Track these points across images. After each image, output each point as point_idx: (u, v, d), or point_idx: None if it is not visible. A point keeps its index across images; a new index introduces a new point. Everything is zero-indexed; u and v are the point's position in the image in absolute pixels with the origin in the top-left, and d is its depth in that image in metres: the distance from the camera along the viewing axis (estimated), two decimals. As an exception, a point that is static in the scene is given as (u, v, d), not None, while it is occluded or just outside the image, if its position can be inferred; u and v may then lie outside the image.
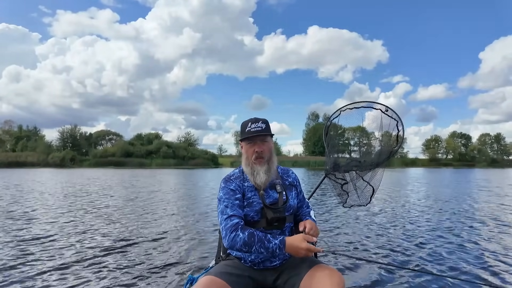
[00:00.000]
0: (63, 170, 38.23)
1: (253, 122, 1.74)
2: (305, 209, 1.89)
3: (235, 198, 1.67)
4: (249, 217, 1.67)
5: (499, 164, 78.50)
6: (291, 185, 1.85)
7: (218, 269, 1.60)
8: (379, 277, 3.03)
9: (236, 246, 1.54)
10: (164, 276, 3.04)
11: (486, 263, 3.44)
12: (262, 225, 1.67)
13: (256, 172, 1.72)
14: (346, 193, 2.66)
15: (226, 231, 1.57)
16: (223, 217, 1.61)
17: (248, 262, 1.69)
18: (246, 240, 1.52)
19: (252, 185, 1.73)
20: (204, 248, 4.00)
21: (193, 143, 75.59)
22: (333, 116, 2.76)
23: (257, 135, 1.72)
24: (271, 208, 1.68)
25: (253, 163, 1.73)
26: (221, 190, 1.72)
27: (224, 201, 1.66)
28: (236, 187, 1.71)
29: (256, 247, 1.51)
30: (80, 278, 2.98)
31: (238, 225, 1.57)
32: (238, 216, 1.61)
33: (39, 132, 70.61)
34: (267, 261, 1.67)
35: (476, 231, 5.02)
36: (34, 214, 6.49)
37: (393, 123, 2.51)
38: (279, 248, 1.51)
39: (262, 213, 1.68)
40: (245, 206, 1.68)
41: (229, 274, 1.56)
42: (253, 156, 1.73)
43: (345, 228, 5.25)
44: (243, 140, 1.77)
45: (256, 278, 1.65)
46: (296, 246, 1.50)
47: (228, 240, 1.55)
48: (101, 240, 4.37)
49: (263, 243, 1.52)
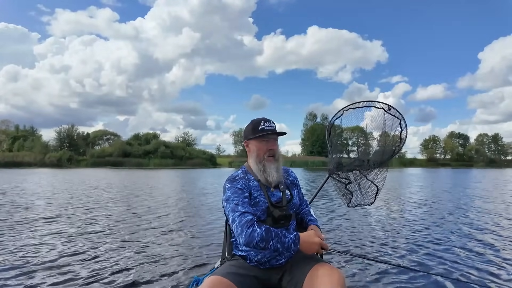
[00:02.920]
0: (60, 170, 38.02)
1: (266, 121, 1.77)
2: (304, 207, 1.96)
3: (244, 196, 1.66)
4: (256, 216, 1.67)
5: (496, 164, 78.89)
6: (292, 183, 1.89)
7: (224, 270, 1.59)
8: (380, 276, 3.04)
9: (254, 242, 1.51)
10: (170, 277, 3.03)
11: (488, 264, 3.44)
12: (269, 223, 1.67)
13: (268, 170, 1.73)
14: (350, 193, 2.65)
15: (242, 228, 1.54)
16: (236, 215, 1.59)
17: (254, 262, 1.69)
18: (264, 235, 1.51)
19: (257, 184, 1.74)
20: (209, 248, 3.99)
21: (191, 143, 75.48)
22: (336, 116, 2.76)
23: (272, 133, 1.74)
24: (277, 206, 1.70)
25: (266, 161, 1.75)
26: (228, 190, 1.70)
27: (233, 200, 1.64)
28: (243, 186, 1.71)
29: (273, 242, 1.51)
30: (84, 278, 2.96)
31: (253, 221, 1.56)
32: (251, 213, 1.61)
33: (36, 132, 70.27)
34: (273, 259, 1.68)
35: (477, 232, 5.03)
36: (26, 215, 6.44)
37: (396, 122, 2.49)
38: (294, 243, 1.53)
39: (268, 212, 1.69)
40: (252, 206, 1.68)
41: (235, 274, 1.55)
42: (266, 154, 1.75)
43: (346, 228, 5.25)
44: (254, 139, 1.77)
45: (262, 278, 1.66)
46: (310, 241, 1.56)
47: (245, 236, 1.52)
48: (103, 241, 4.34)
49: (279, 238, 1.52)
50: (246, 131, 1.82)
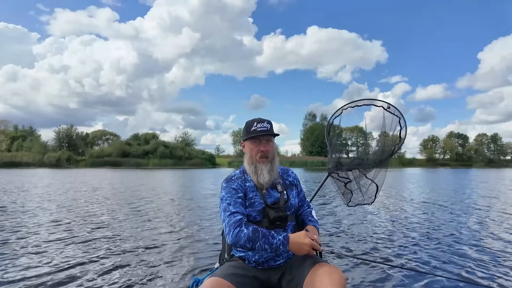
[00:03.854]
0: (58, 170, 37.95)
1: (259, 122, 1.75)
2: (306, 208, 1.91)
3: (237, 196, 1.67)
4: (252, 217, 1.68)
5: (495, 164, 79.04)
6: (291, 184, 1.87)
7: (223, 271, 1.59)
8: (381, 277, 3.01)
9: (240, 242, 1.52)
10: (169, 278, 3.00)
11: (487, 265, 3.42)
12: (265, 224, 1.67)
13: (260, 171, 1.73)
14: (350, 192, 2.64)
15: (229, 227, 1.56)
16: (226, 214, 1.61)
17: (252, 262, 1.68)
18: (251, 235, 1.51)
19: (253, 185, 1.74)
20: (208, 249, 3.96)
21: (191, 143, 75.35)
22: (335, 115, 2.74)
23: (263, 135, 1.73)
24: (273, 207, 1.69)
25: (257, 162, 1.74)
26: (223, 189, 1.72)
27: (226, 199, 1.66)
28: (238, 187, 1.71)
29: (260, 243, 1.51)
30: (83, 280, 2.94)
31: (242, 221, 1.57)
32: (241, 213, 1.61)
33: (35, 132, 70.15)
34: (271, 260, 1.67)
35: (478, 232, 5.01)
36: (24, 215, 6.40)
37: (395, 120, 2.47)
38: (282, 244, 1.51)
39: (264, 213, 1.68)
40: (247, 206, 1.68)
41: (234, 275, 1.55)
42: (258, 155, 1.74)
43: (346, 229, 5.24)
44: (248, 139, 1.77)
45: (261, 278, 1.65)
46: (299, 242, 1.52)
47: (232, 236, 1.54)
48: (100, 242, 4.31)
49: (267, 239, 1.51)
50: (243, 132, 1.82)
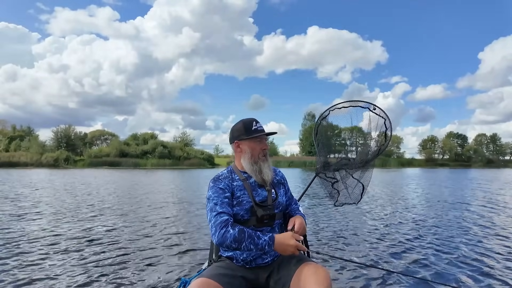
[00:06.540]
0: (56, 170, 37.89)
1: (257, 122, 1.80)
2: (293, 206, 1.95)
3: (224, 196, 1.68)
4: (239, 216, 1.69)
5: (494, 164, 79.05)
6: (279, 183, 1.90)
7: (210, 271, 1.61)
8: (366, 279, 3.04)
9: (226, 242, 1.54)
10: (157, 279, 3.02)
11: (476, 269, 3.39)
12: (252, 223, 1.69)
13: (263, 169, 1.77)
14: (337, 192, 2.67)
15: (216, 228, 1.57)
16: (212, 214, 1.62)
17: (240, 261, 1.70)
18: (237, 236, 1.53)
19: (241, 184, 1.75)
20: (196, 251, 3.98)
21: (189, 143, 75.27)
22: (322, 115, 2.78)
23: (267, 134, 1.79)
24: (261, 205, 1.71)
25: (261, 161, 1.78)
26: (210, 189, 1.73)
27: (213, 199, 1.67)
28: (225, 186, 1.72)
29: (246, 244, 1.53)
30: (71, 281, 2.95)
31: (228, 221, 1.58)
32: (228, 214, 1.63)
33: (33, 132, 69.99)
34: (259, 258, 1.69)
35: (471, 236, 4.99)
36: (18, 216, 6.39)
37: (381, 121, 2.52)
38: (268, 244, 1.54)
39: (252, 211, 1.70)
40: (235, 205, 1.70)
41: (222, 275, 1.57)
42: (260, 153, 1.78)
43: (334, 229, 5.26)
44: (248, 139, 1.78)
45: (249, 278, 1.67)
46: (284, 243, 1.55)
47: (218, 236, 1.55)
48: (91, 243, 4.33)
49: (253, 239, 1.53)
50: (237, 132, 1.81)
